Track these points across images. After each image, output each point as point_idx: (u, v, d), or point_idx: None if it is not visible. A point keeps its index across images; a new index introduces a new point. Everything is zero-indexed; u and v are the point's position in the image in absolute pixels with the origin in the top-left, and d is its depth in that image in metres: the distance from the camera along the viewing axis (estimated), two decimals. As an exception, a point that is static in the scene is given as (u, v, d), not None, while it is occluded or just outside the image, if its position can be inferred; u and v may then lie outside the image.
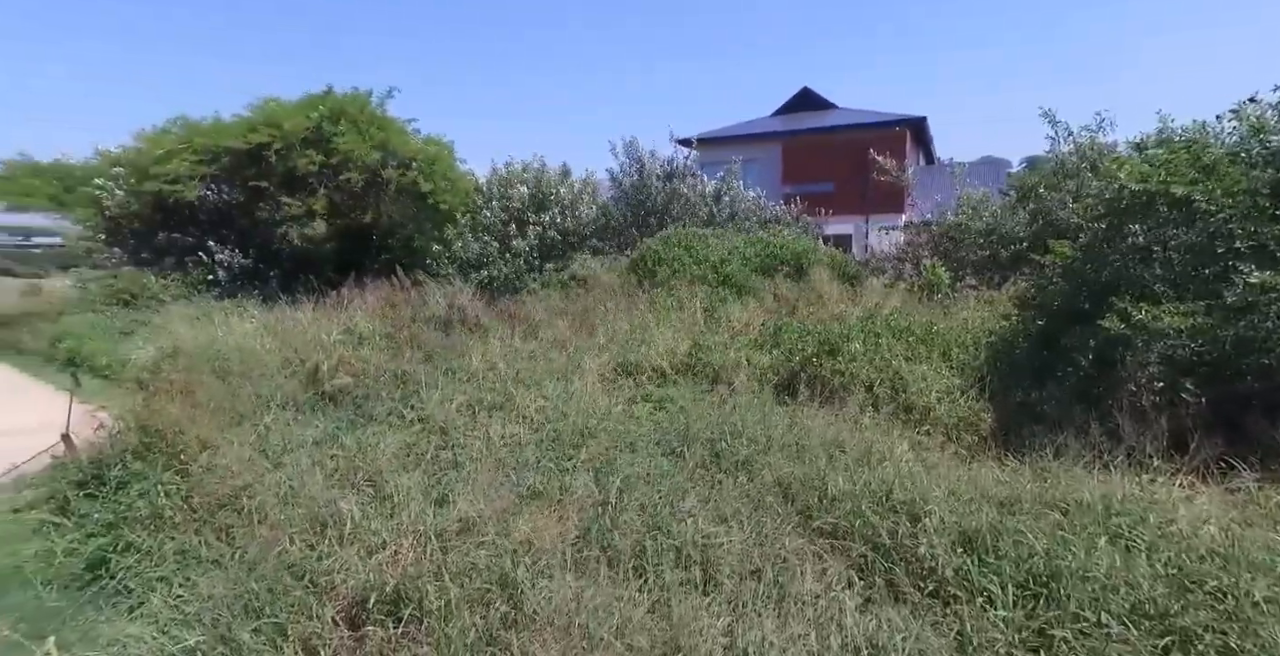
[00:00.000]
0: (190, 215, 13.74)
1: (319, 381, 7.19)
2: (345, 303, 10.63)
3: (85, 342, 10.77)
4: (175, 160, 11.96)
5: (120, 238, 14.06)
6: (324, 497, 4.12)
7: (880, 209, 16.61)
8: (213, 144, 11.96)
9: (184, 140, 12.28)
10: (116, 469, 5.06)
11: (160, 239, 13.96)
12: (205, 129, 12.46)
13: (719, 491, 4.11)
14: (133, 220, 13.32)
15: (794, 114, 22.16)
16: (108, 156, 13.31)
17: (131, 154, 12.85)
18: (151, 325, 11.22)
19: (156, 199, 12.43)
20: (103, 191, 12.70)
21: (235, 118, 12.57)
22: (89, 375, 9.62)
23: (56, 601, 3.82)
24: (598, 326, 8.94)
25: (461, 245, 12.36)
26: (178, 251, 14.05)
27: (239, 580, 3.35)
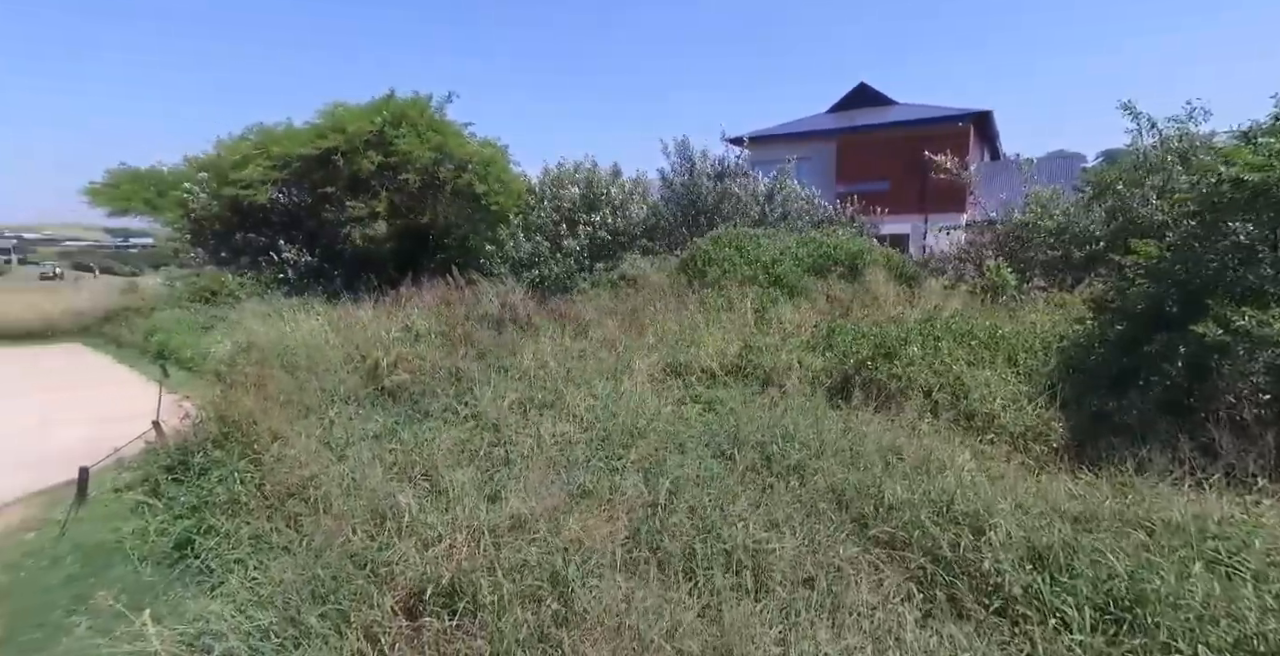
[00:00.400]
0: (263, 217, 14.55)
1: (379, 377, 7.47)
2: (403, 301, 11.02)
3: (172, 337, 11.57)
4: (251, 166, 12.69)
5: (203, 238, 15.03)
6: (383, 490, 4.28)
7: (939, 207, 15.99)
8: (285, 150, 12.63)
9: (259, 146, 13.03)
10: (199, 456, 5.41)
11: (237, 239, 14.84)
12: (279, 135, 13.18)
13: (770, 496, 4.04)
14: (214, 222, 14.22)
15: (849, 111, 21.57)
16: (194, 162, 14.25)
17: (213, 160, 13.73)
18: (229, 321, 11.92)
19: (234, 202, 13.23)
20: (189, 195, 13.61)
21: (306, 124, 13.26)
22: (175, 367, 10.31)
23: (151, 577, 4.12)
24: (647, 326, 8.95)
25: (514, 245, 12.62)
26: (252, 251, 14.92)
27: (306, 566, 3.52)
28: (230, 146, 13.53)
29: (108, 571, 4.22)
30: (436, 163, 12.49)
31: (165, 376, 9.85)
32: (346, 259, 14.61)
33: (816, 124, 20.95)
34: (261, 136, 13.35)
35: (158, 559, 4.34)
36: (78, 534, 4.70)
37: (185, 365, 10.45)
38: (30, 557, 4.43)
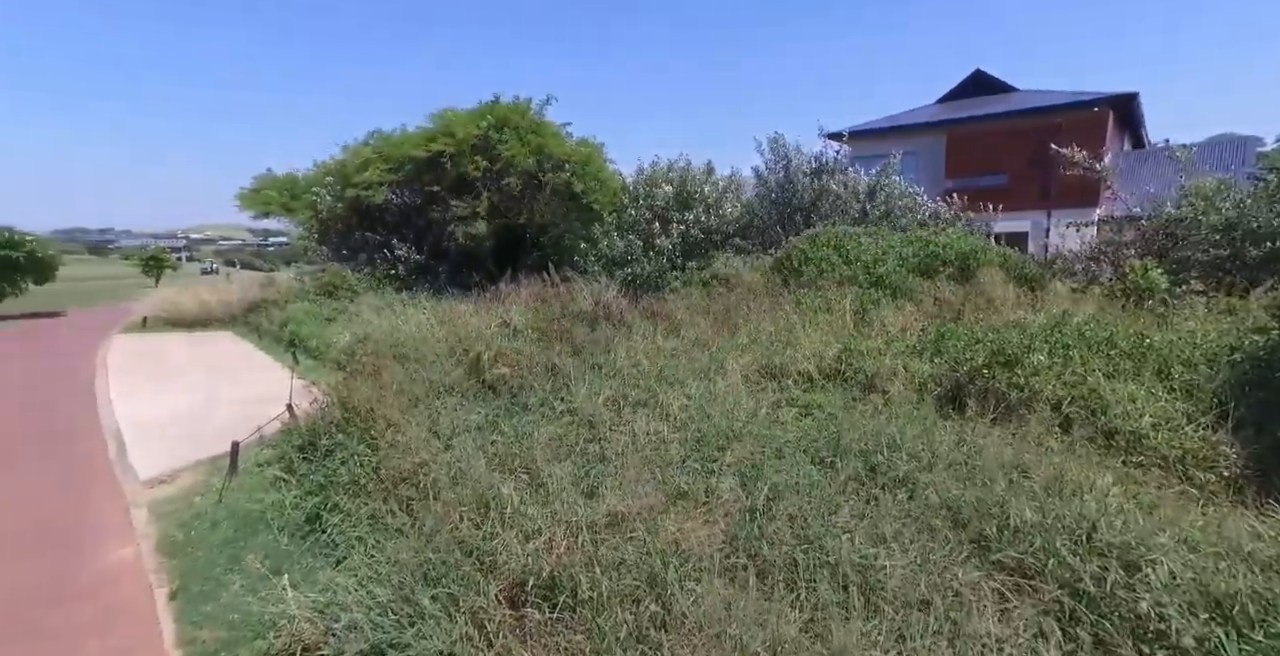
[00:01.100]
0: (379, 217, 15.71)
1: (480, 370, 7.81)
2: (502, 297, 11.50)
3: (301, 327, 12.76)
4: (370, 169, 13.74)
5: (327, 237, 16.47)
6: (487, 481, 4.45)
7: (1067, 202, 14.52)
8: (399, 153, 13.57)
9: (377, 150, 14.08)
10: (325, 438, 5.90)
11: (356, 238, 16.13)
12: (394, 140, 14.18)
13: (875, 508, 3.82)
14: (337, 222, 15.54)
15: (963, 100, 20.07)
16: (322, 167, 15.66)
17: (339, 164, 15.00)
18: (348, 313, 12.97)
19: (355, 203, 14.39)
20: (316, 198, 14.96)
21: (419, 128, 14.17)
22: (304, 355, 11.36)
23: (287, 546, 4.55)
24: (740, 326, 8.78)
25: (607, 243, 12.82)
26: (369, 249, 16.15)
27: (419, 549, 3.73)
28: (353, 151, 14.74)
29: (254, 537, 4.70)
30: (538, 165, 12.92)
31: (296, 363, 10.87)
32: (450, 256, 15.47)
33: (924, 116, 19.66)
34: (379, 141, 14.44)
35: (292, 530, 4.78)
36: (231, 501, 5.27)
37: (312, 353, 11.48)
38: (197, 519, 5.02)
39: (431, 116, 13.84)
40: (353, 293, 14.79)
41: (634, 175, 15.08)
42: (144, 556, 4.56)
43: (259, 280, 21.92)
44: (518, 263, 14.00)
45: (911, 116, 20.03)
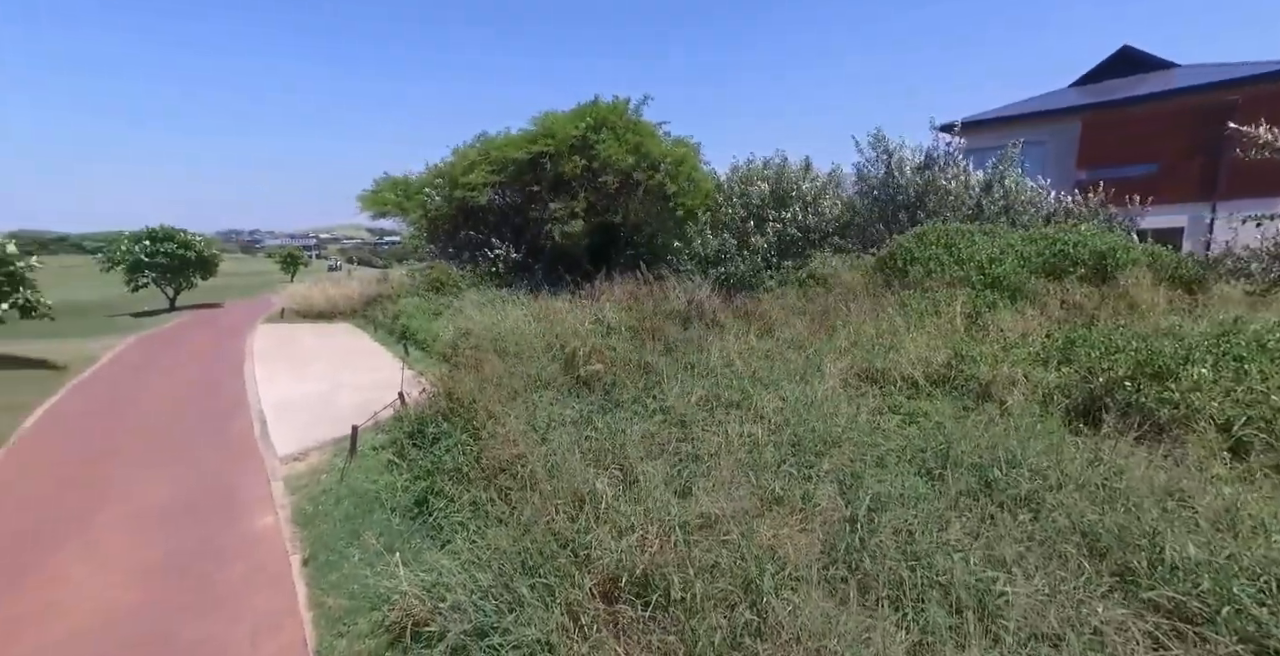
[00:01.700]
0: (482, 216, 16.53)
1: (575, 366, 7.99)
2: (596, 295, 11.73)
3: (411, 321, 13.68)
4: (475, 171, 14.50)
5: (436, 236, 17.56)
6: (582, 476, 4.54)
7: (1240, 191, 12.61)
8: (502, 155, 14.21)
9: (482, 153, 14.83)
10: (432, 426, 6.27)
11: (461, 237, 17.07)
12: (498, 142, 14.88)
13: (993, 528, 3.51)
14: (444, 221, 16.53)
15: (1104, 82, 18.00)
16: (433, 170, 16.74)
17: (448, 167, 15.96)
18: (452, 308, 13.72)
19: (461, 203, 15.24)
20: (426, 198, 16.00)
21: (521, 131, 14.78)
22: (413, 347, 12.18)
23: (399, 526, 4.88)
24: (839, 328, 8.42)
25: (701, 242, 12.72)
26: (472, 247, 17.03)
27: (517, 538, 3.86)
28: (461, 154, 15.63)
29: (370, 515, 5.08)
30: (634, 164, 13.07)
31: (406, 354, 11.68)
32: (547, 254, 15.99)
33: (1054, 102, 17.79)
34: (485, 144, 15.20)
35: (403, 511, 5.12)
36: (351, 481, 5.74)
37: (420, 346, 12.26)
38: (324, 494, 5.51)
39: (533, 119, 14.41)
40: (457, 289, 15.65)
41: (728, 173, 14.88)
42: (281, 525, 5.06)
43: (375, 276, 23.80)
44: (611, 261, 14.24)
45: (1037, 103, 18.24)
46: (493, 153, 14.57)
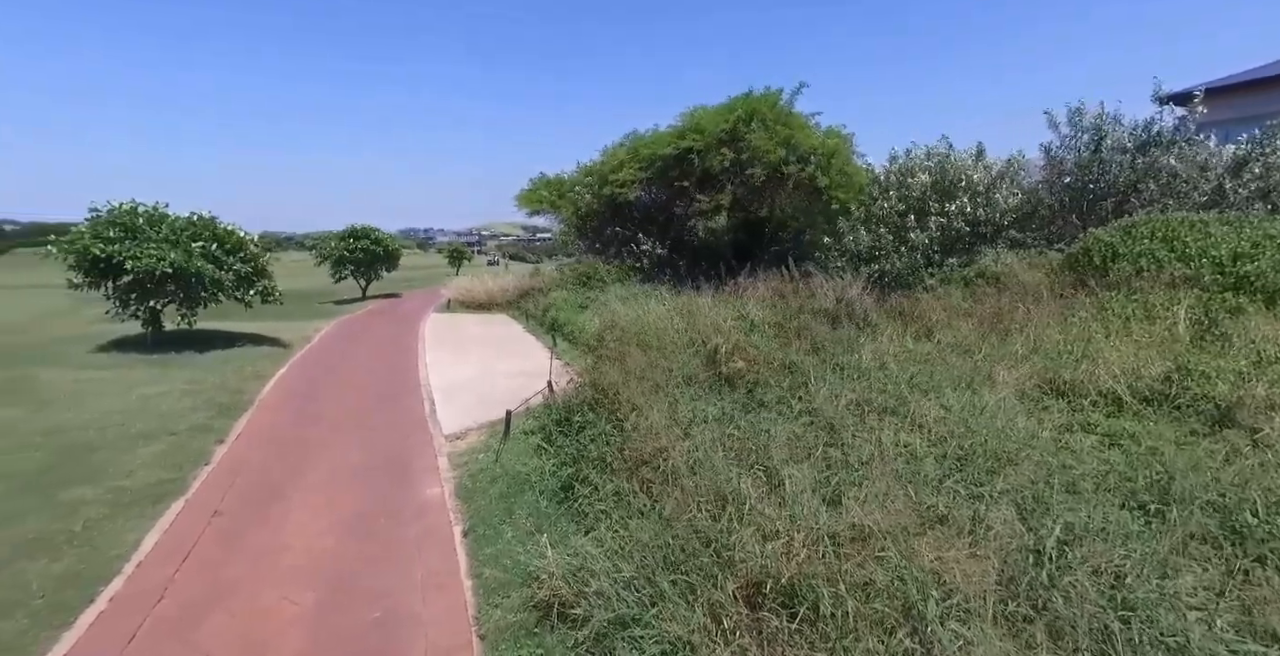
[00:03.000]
0: (629, 213, 16.99)
1: (717, 363, 7.90)
2: (740, 291, 11.53)
3: (560, 313, 14.48)
4: (624, 168, 14.93)
5: (585, 232, 18.40)
6: (725, 474, 4.45)
7: None
8: (649, 152, 14.48)
9: (631, 151, 15.23)
10: (578, 415, 6.54)
11: (608, 233, 17.70)
12: (647, 140, 15.19)
13: (1247, 587, 2.85)
14: (593, 218, 17.26)
15: None
16: (584, 168, 17.56)
17: (598, 165, 16.64)
18: (598, 302, 14.27)
19: (610, 200, 15.80)
20: (577, 196, 16.81)
21: (669, 127, 14.96)
22: (561, 338, 12.86)
23: (547, 508, 5.16)
24: (1013, 332, 7.47)
25: (853, 238, 11.97)
26: (618, 243, 17.59)
27: (659, 532, 3.88)
28: (611, 152, 16.21)
29: (521, 496, 5.42)
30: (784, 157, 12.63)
31: (554, 345, 12.35)
32: (690, 250, 16.04)
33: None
34: (633, 142, 15.61)
35: (550, 495, 5.39)
36: (505, 462, 6.17)
37: (568, 337, 12.91)
38: (481, 473, 6.00)
39: (681, 114, 14.51)
40: (603, 283, 16.26)
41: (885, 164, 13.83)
42: (446, 496, 5.58)
43: (529, 271, 25.55)
44: (756, 257, 13.92)
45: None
46: (641, 150, 14.89)
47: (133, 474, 5.78)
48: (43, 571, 4.19)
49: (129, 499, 5.29)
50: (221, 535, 4.81)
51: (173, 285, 11.36)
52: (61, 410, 7.51)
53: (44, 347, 11.60)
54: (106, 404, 7.84)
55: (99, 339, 12.27)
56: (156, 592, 4.03)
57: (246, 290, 12.78)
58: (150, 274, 10.82)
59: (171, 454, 6.34)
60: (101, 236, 10.88)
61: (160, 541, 4.68)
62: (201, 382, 9.18)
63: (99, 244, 10.72)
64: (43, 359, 10.44)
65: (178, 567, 4.33)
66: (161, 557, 4.46)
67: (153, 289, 11.26)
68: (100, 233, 10.95)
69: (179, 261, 11.02)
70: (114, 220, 11.31)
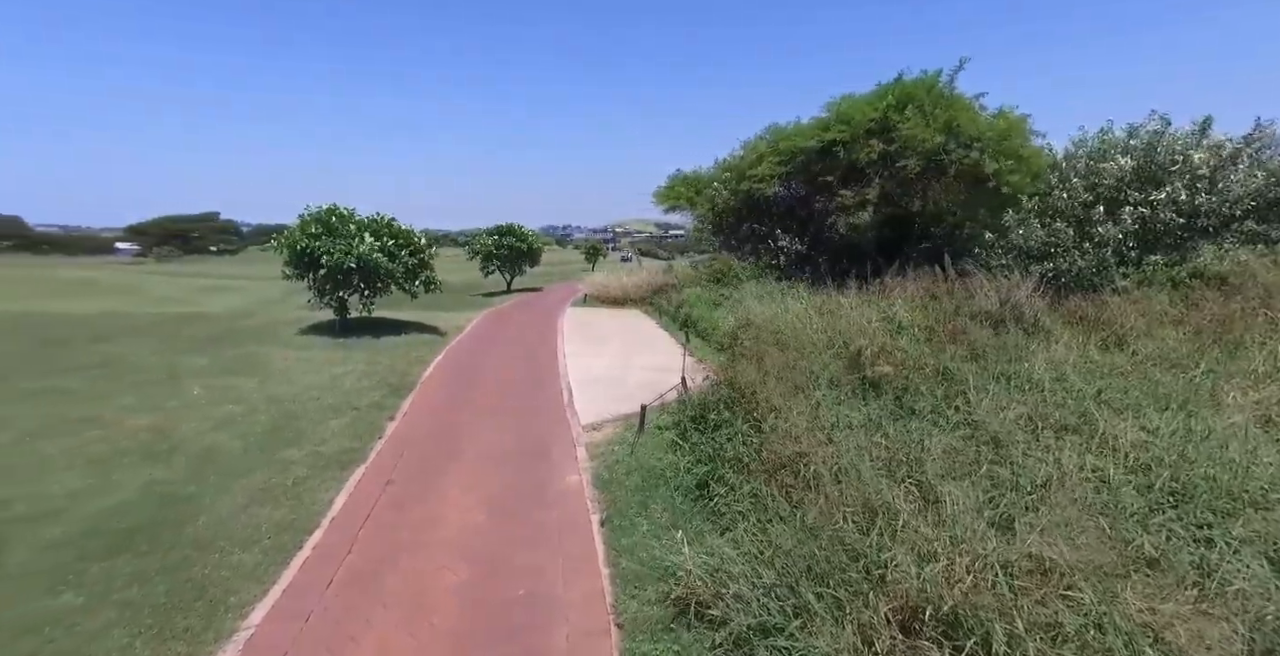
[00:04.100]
0: (766, 209, 16.53)
1: (861, 366, 7.43)
2: (885, 290, 10.76)
3: (693, 310, 14.49)
4: (763, 163, 14.53)
5: (720, 229, 18.22)
6: (873, 485, 4.15)
7: None
8: (791, 146, 13.94)
9: (770, 145, 14.77)
10: (714, 413, 6.46)
11: (744, 230, 17.38)
12: (787, 133, 14.63)
13: None
14: (729, 214, 17.03)
15: None
16: (721, 164, 17.37)
17: (735, 160, 16.37)
18: (732, 300, 14.09)
19: (747, 196, 15.47)
20: (714, 192, 16.68)
21: (812, 119, 14.29)
22: (694, 335, 12.86)
23: (681, 504, 5.16)
24: (1249, 345, 6.20)
25: (1023, 232, 10.65)
26: (754, 240, 17.22)
27: (803, 541, 3.70)
28: (749, 147, 15.85)
29: (656, 490, 5.48)
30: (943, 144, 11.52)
31: (687, 341, 12.37)
32: (831, 247, 15.27)
33: None
34: (773, 135, 15.12)
35: (685, 491, 5.38)
36: (640, 455, 6.27)
37: (701, 334, 12.88)
38: (617, 464, 6.15)
39: (826, 104, 13.75)
40: (737, 280, 16.02)
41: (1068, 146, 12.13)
42: (584, 485, 5.79)
43: (661, 267, 25.88)
44: (904, 254, 12.90)
45: None
46: (781, 143, 14.39)
47: (326, 441, 6.67)
48: (268, 517, 4.97)
49: (324, 462, 6.11)
50: (393, 502, 5.38)
51: (356, 277, 12.97)
52: (278, 383, 8.88)
53: (265, 330, 13.80)
54: (308, 379, 9.15)
55: (301, 323, 14.35)
56: (347, 546, 4.60)
57: (413, 281, 14.26)
58: (339, 267, 12.44)
59: (354, 426, 7.22)
60: (307, 233, 12.70)
61: (347, 502, 5.35)
62: (376, 364, 10.38)
63: (304, 240, 12.52)
64: (264, 339, 12.43)
65: (361, 526, 4.91)
66: (349, 516, 5.10)
67: (341, 280, 12.95)
68: (305, 230, 12.79)
69: (362, 255, 12.55)
70: (316, 218, 13.16)
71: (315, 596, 3.99)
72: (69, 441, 6.26)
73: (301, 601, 3.93)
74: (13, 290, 22.30)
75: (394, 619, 3.78)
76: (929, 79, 12.42)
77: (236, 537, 4.63)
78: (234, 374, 9.20)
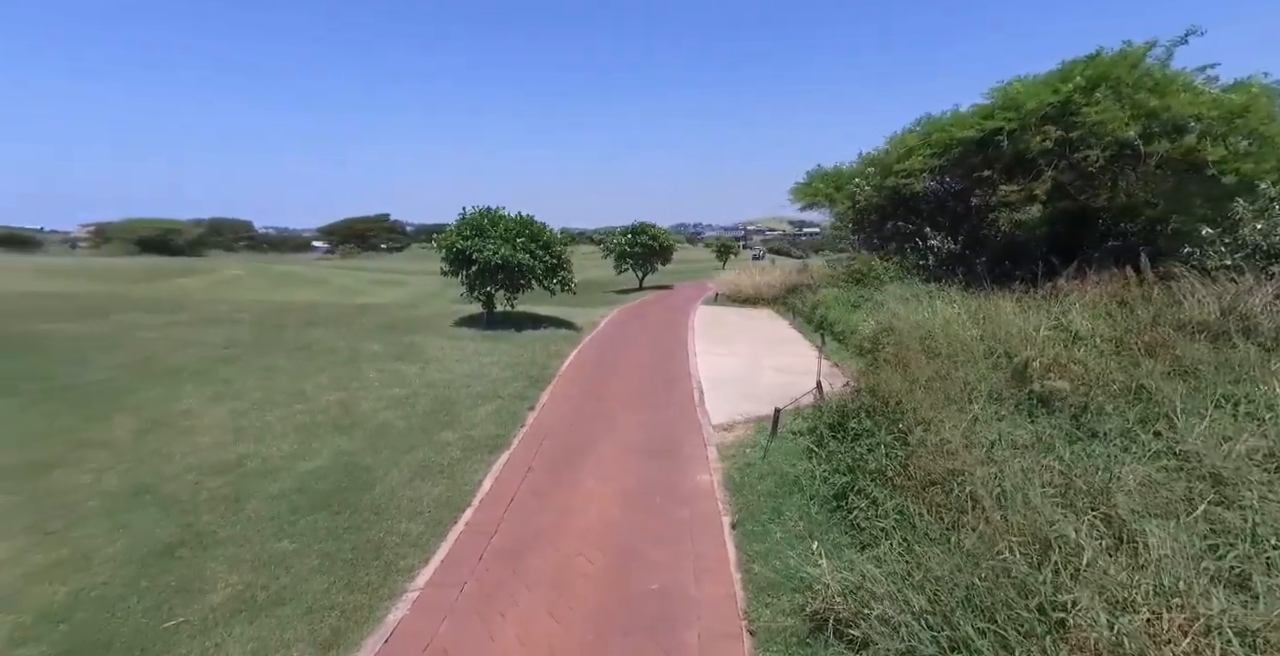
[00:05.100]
0: (914, 205, 15.35)
1: (1026, 379, 6.64)
2: (1059, 294, 9.49)
3: (829, 311, 13.84)
4: (913, 157, 13.47)
5: (861, 226, 17.22)
6: (1047, 515, 3.67)
7: None
8: (946, 137, 12.76)
9: (923, 136, 13.64)
10: (854, 421, 6.12)
11: (888, 227, 16.27)
12: (942, 123, 13.42)
13: None
14: (871, 211, 16.02)
15: None
16: (865, 158, 16.40)
17: (881, 154, 15.36)
18: (873, 301, 13.24)
19: (893, 192, 14.45)
20: (856, 188, 15.78)
21: (972, 107, 12.95)
22: (830, 337, 12.29)
23: (816, 514, 4.95)
24: None
25: (1264, 226, 8.78)
26: (899, 238, 16.05)
27: (959, 567, 3.37)
28: (897, 140, 14.77)
29: (790, 497, 5.29)
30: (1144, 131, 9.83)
31: (823, 344, 11.85)
32: (990, 246, 13.81)
33: None
34: (927, 126, 13.95)
35: (821, 501, 5.14)
36: (772, 460, 6.11)
37: (837, 337, 12.27)
38: (749, 468, 6.04)
39: (991, 91, 12.33)
40: (879, 281, 15.03)
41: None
42: (715, 486, 5.74)
43: (795, 266, 25.01)
44: (1083, 254, 11.27)
45: None
46: (934, 135, 13.23)
47: (475, 427, 7.25)
48: (428, 491, 5.53)
49: (474, 446, 6.65)
50: (533, 488, 5.71)
51: (502, 274, 13.98)
52: (436, 370, 9.84)
53: (425, 320, 15.36)
54: (460, 368, 10.02)
55: (455, 316, 15.77)
56: (493, 526, 4.97)
57: (551, 278, 15.07)
58: (489, 264, 13.48)
59: (499, 414, 7.78)
60: (461, 234, 13.91)
61: (493, 485, 5.77)
62: (518, 357, 11.10)
63: (460, 240, 13.73)
64: (425, 329, 13.83)
65: (505, 508, 5.28)
66: (495, 498, 5.50)
67: (489, 277, 14.03)
68: (461, 231, 14.01)
69: (507, 254, 13.49)
70: (469, 222, 14.36)
71: (468, 569, 4.35)
72: (282, 411, 7.40)
73: (457, 572, 4.31)
74: (253, 282, 27.00)
75: (537, 599, 4.00)
76: (1132, 54, 10.65)
77: (404, 508, 5.18)
78: (400, 360, 10.32)
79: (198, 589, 4.01)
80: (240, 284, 28.25)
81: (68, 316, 12.34)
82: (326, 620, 3.75)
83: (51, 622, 3.64)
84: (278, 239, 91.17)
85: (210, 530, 4.72)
